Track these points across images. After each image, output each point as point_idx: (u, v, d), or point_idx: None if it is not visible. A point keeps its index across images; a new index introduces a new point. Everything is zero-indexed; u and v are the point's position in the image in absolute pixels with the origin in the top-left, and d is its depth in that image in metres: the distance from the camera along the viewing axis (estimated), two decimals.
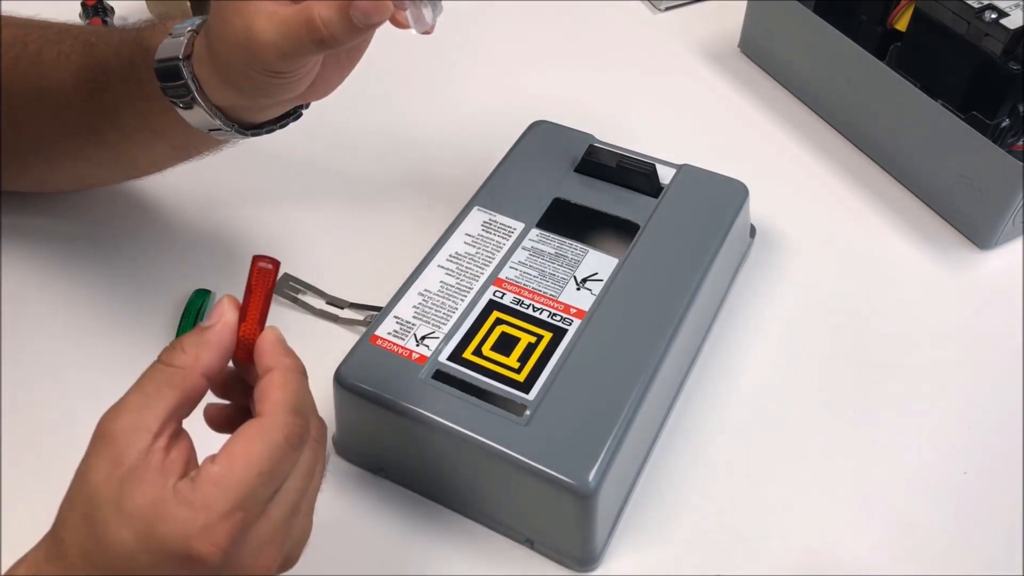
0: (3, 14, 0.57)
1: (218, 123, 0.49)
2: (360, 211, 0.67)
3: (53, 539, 0.36)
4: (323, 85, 0.49)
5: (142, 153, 0.57)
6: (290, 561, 0.39)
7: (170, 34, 0.48)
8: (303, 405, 0.37)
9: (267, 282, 0.39)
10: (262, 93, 0.47)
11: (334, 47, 0.43)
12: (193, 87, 0.47)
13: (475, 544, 0.51)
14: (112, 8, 0.78)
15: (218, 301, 0.39)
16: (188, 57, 0.47)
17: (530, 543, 0.50)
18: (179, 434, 0.37)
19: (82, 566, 0.35)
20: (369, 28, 0.42)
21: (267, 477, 0.35)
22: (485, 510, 0.51)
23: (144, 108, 0.51)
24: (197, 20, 0.49)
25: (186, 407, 0.37)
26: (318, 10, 0.42)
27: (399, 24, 0.44)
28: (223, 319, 0.38)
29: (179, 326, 0.58)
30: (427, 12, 0.43)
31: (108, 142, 0.55)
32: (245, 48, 0.43)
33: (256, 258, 0.39)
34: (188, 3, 0.73)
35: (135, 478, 0.35)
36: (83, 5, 0.77)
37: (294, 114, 0.52)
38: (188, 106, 0.48)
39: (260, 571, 0.36)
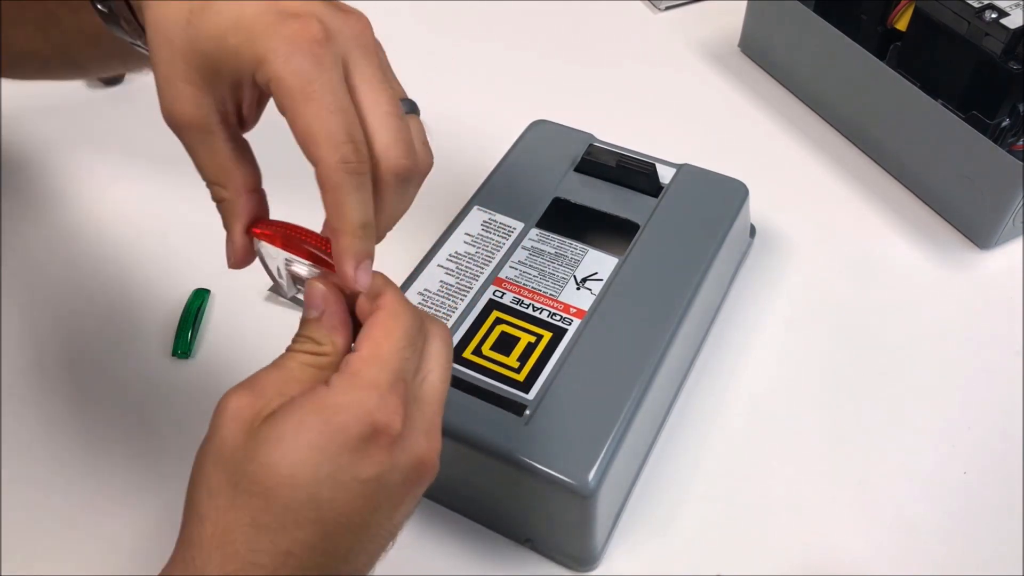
0: None
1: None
2: None
3: (182, 549, 0.34)
4: None
5: (57, 24, 0.49)
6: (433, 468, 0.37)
7: None
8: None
9: (283, 234, 0.38)
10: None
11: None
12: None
13: (475, 544, 0.51)
14: None
15: (310, 288, 0.37)
16: None
17: (530, 543, 0.50)
18: None
19: (243, 539, 0.33)
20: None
21: (410, 351, 0.35)
22: (485, 510, 0.51)
23: None
24: None
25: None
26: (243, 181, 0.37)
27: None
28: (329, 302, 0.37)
29: (179, 326, 0.58)
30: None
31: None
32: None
33: (257, 233, 0.38)
34: None
35: (274, 416, 0.34)
36: None
37: None
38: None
39: (432, 455, 0.36)
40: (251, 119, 0.39)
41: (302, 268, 0.38)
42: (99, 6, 0.42)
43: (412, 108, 0.39)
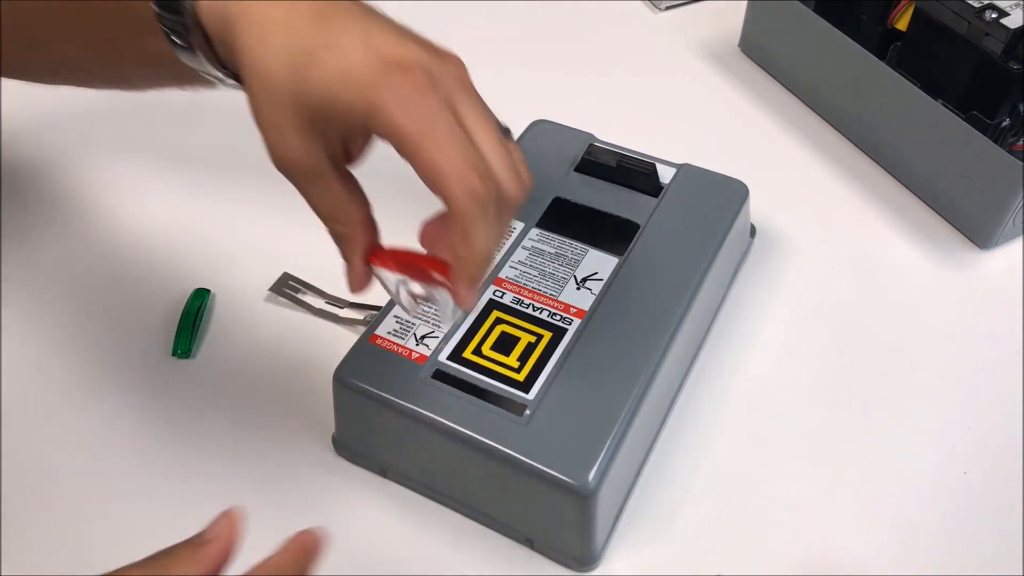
0: None
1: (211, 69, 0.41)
2: None
3: None
4: None
5: (115, 45, 0.46)
6: None
7: None
8: None
9: (396, 259, 0.42)
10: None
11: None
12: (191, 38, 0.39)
13: (475, 544, 0.51)
14: None
15: (221, 516, 0.35)
16: None
17: (530, 543, 0.50)
18: None
19: None
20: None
21: None
22: (485, 510, 0.51)
23: None
24: None
25: None
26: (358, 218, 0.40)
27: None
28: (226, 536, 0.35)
29: (179, 326, 0.58)
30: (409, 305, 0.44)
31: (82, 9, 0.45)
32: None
33: (375, 261, 0.42)
34: None
35: None
36: None
37: None
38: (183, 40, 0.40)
39: None
40: (357, 156, 0.41)
41: (417, 288, 0.43)
42: (176, 39, 0.40)
43: (507, 133, 0.41)
